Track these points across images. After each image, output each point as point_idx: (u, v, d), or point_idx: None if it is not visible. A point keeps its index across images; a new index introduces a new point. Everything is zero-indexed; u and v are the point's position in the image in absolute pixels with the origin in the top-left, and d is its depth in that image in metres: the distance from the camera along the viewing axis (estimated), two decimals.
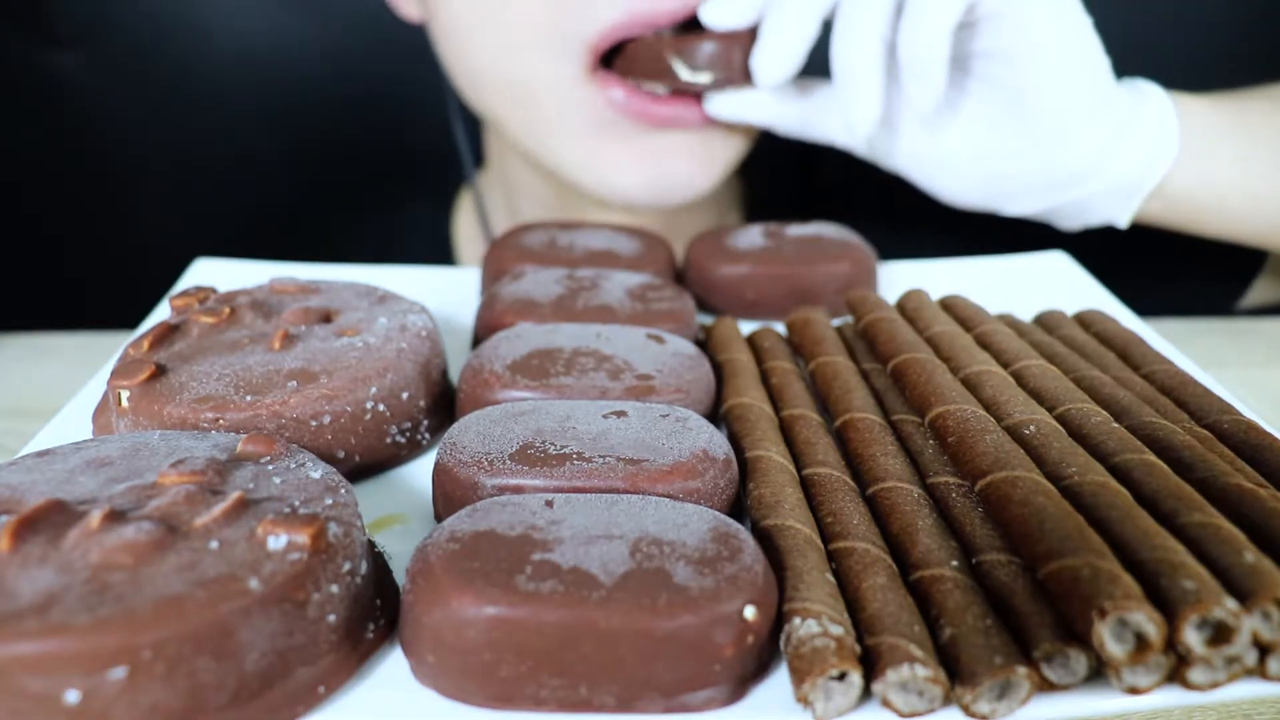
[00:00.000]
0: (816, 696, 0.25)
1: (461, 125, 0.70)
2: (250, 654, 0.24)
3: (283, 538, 0.26)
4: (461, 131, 0.70)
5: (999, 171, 0.52)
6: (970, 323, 0.44)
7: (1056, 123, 0.49)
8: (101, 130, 0.79)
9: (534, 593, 0.25)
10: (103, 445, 0.31)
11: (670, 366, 0.38)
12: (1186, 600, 0.24)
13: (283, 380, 0.35)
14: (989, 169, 0.52)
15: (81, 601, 0.23)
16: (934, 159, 0.53)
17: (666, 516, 0.28)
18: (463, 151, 0.71)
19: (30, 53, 0.77)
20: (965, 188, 0.53)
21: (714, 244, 0.51)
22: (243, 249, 0.55)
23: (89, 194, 0.81)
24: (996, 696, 0.24)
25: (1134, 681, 0.24)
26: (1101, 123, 0.50)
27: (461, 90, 0.60)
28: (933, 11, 0.46)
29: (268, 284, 0.43)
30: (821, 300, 0.48)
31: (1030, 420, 0.33)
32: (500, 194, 0.71)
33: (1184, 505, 0.28)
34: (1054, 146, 0.50)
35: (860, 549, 0.29)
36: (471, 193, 0.72)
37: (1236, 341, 0.56)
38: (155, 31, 0.78)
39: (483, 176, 0.74)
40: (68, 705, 0.23)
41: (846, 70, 0.48)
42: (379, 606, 0.28)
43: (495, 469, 0.31)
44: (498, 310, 0.43)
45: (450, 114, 0.69)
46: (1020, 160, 0.51)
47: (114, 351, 0.42)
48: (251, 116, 0.80)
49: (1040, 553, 0.26)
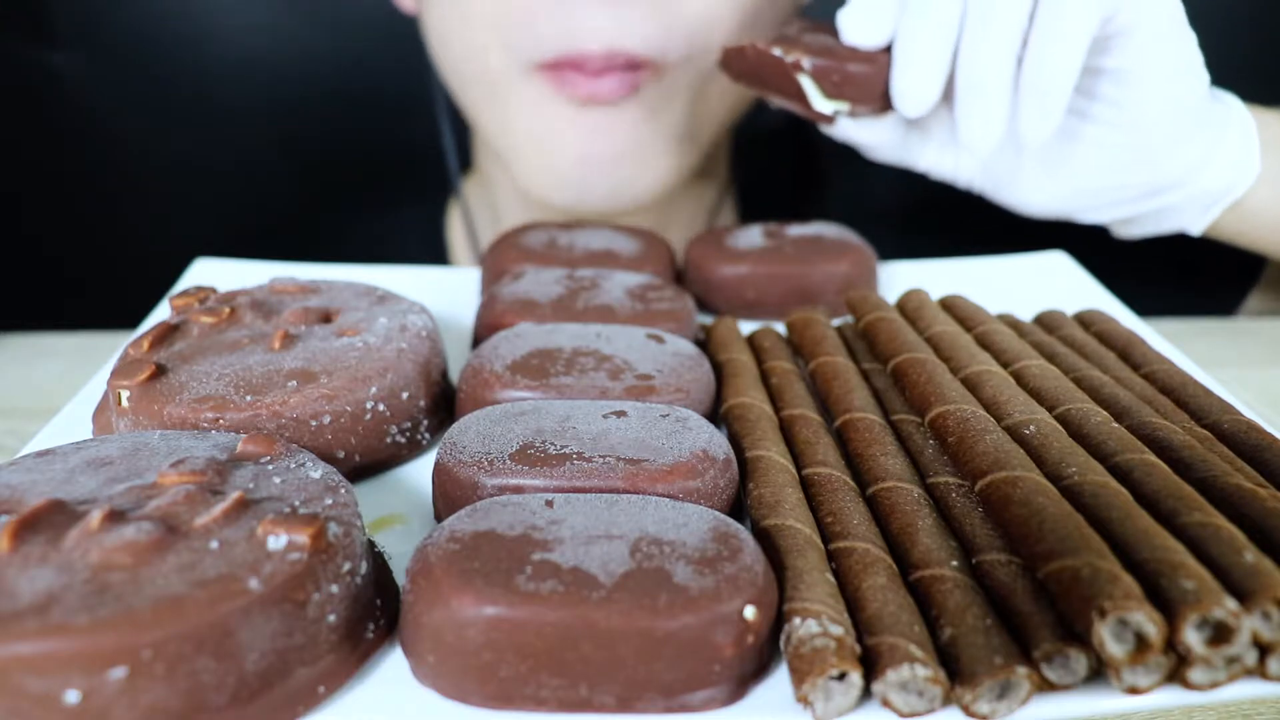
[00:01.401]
0: (816, 696, 0.25)
1: (449, 129, 0.70)
2: (250, 654, 0.24)
3: (283, 538, 0.26)
4: (449, 136, 0.70)
5: (1097, 185, 0.50)
6: (970, 323, 0.44)
7: (1165, 136, 0.47)
8: (101, 130, 0.79)
9: (534, 593, 0.25)
10: (103, 445, 0.31)
11: (670, 366, 0.38)
12: (1186, 600, 0.24)
13: (283, 380, 0.35)
14: (1086, 184, 0.50)
15: (81, 601, 0.23)
16: (1026, 176, 0.50)
17: (666, 516, 0.28)
18: (449, 156, 0.71)
19: (30, 53, 0.77)
20: (1050, 201, 0.51)
21: (714, 244, 0.51)
22: (242, 249, 0.55)
23: (89, 194, 0.81)
24: (996, 696, 0.24)
25: (1134, 681, 0.24)
26: (1201, 135, 0.48)
27: (447, 85, 0.62)
28: (1071, 22, 0.42)
29: (268, 284, 0.43)
30: (821, 300, 0.48)
31: (1030, 420, 0.33)
32: (484, 197, 0.71)
33: (1184, 505, 0.28)
34: (1160, 160, 0.48)
35: (860, 549, 0.29)
36: (459, 197, 0.73)
37: (1236, 341, 0.56)
38: (155, 31, 0.78)
39: (469, 181, 0.74)
40: (68, 705, 0.23)
41: (975, 86, 0.43)
42: (379, 606, 0.28)
43: (495, 469, 0.31)
44: (498, 310, 0.43)
45: (438, 117, 0.70)
46: (1124, 174, 0.49)
47: (114, 351, 0.42)
48: (250, 116, 0.80)
49: (1040, 552, 0.26)
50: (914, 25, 0.44)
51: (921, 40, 0.44)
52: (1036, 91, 0.43)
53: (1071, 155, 0.49)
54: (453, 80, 0.61)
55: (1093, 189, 0.50)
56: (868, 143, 0.51)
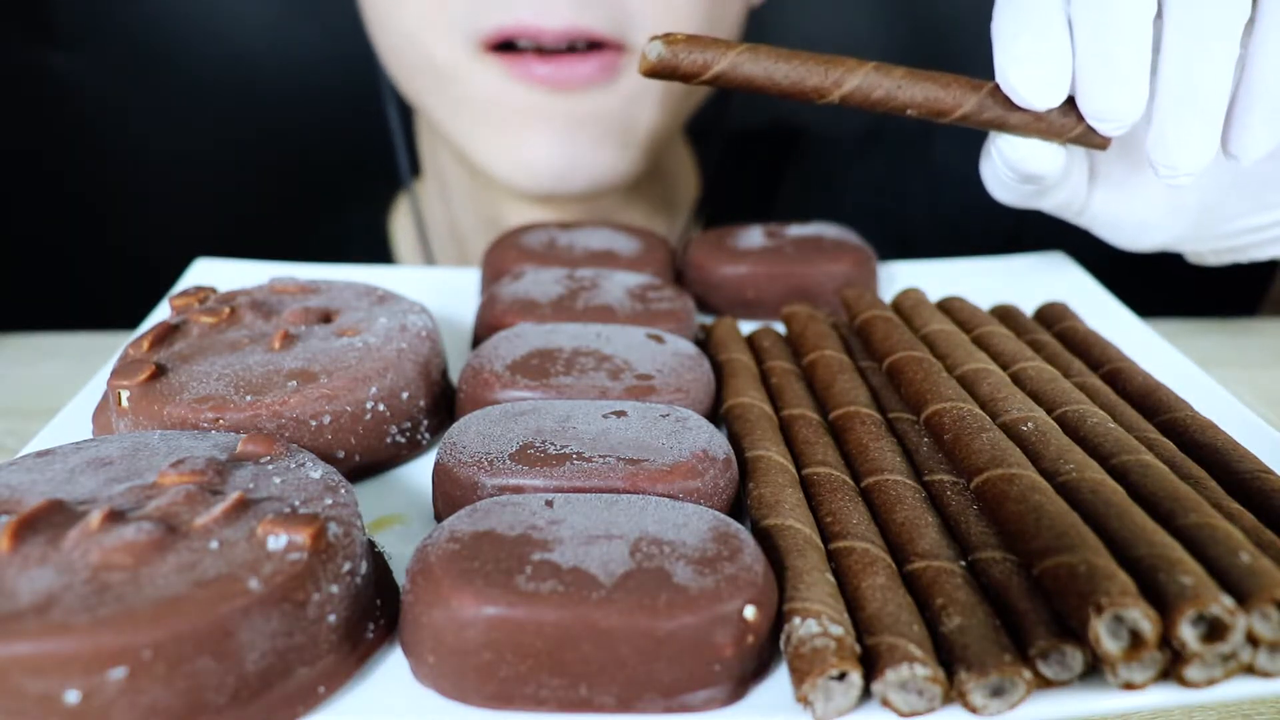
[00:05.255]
0: (816, 696, 0.25)
1: (399, 126, 0.70)
2: (250, 654, 0.24)
3: (283, 538, 0.26)
4: (399, 133, 0.70)
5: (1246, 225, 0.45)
6: (968, 324, 0.44)
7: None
8: (101, 130, 0.79)
9: (534, 593, 0.25)
10: (103, 445, 0.31)
11: (670, 366, 0.38)
12: (1184, 596, 0.24)
13: (283, 380, 0.35)
14: (1235, 225, 0.45)
15: (81, 602, 0.24)
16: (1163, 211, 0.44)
17: (666, 516, 0.28)
18: (399, 153, 0.71)
19: (30, 53, 0.77)
20: (1171, 240, 0.46)
21: (714, 244, 0.51)
22: (242, 248, 0.55)
23: (89, 194, 0.81)
24: (991, 693, 0.24)
25: (1129, 677, 0.24)
26: None
27: (390, 76, 0.62)
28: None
29: (268, 284, 0.43)
30: (821, 300, 0.48)
31: (1028, 418, 0.34)
32: (435, 190, 0.71)
33: (1181, 506, 0.28)
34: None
35: (860, 548, 0.29)
36: (408, 195, 0.73)
37: (1236, 341, 0.56)
38: (155, 31, 0.78)
39: (419, 180, 0.74)
40: (68, 705, 0.23)
41: (1184, 99, 0.37)
42: (379, 606, 0.28)
43: (495, 469, 0.31)
44: (498, 310, 0.43)
45: (388, 115, 0.69)
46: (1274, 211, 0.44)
47: (114, 351, 0.42)
48: (242, 117, 0.80)
49: (1036, 549, 0.26)
50: (1105, 45, 0.36)
51: (1117, 55, 0.36)
52: (1268, 96, 0.37)
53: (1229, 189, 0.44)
54: (395, 69, 0.60)
55: (1235, 230, 0.46)
56: (1042, 171, 0.40)
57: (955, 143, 0.73)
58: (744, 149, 0.75)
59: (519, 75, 0.55)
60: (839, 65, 0.38)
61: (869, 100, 0.38)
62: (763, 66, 0.37)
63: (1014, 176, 0.41)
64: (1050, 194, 0.43)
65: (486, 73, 0.55)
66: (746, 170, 0.76)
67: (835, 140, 0.76)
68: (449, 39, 0.55)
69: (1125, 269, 0.57)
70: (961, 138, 0.75)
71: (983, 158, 0.43)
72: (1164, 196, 0.44)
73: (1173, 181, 0.38)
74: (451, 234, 0.71)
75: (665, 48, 0.37)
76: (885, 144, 0.75)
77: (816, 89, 0.38)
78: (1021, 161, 0.39)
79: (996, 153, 0.40)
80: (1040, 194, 0.43)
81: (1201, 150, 0.37)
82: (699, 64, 0.37)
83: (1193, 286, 0.64)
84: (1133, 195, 0.44)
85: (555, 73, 0.54)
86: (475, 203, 0.66)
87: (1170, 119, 0.37)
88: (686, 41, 0.37)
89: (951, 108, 0.38)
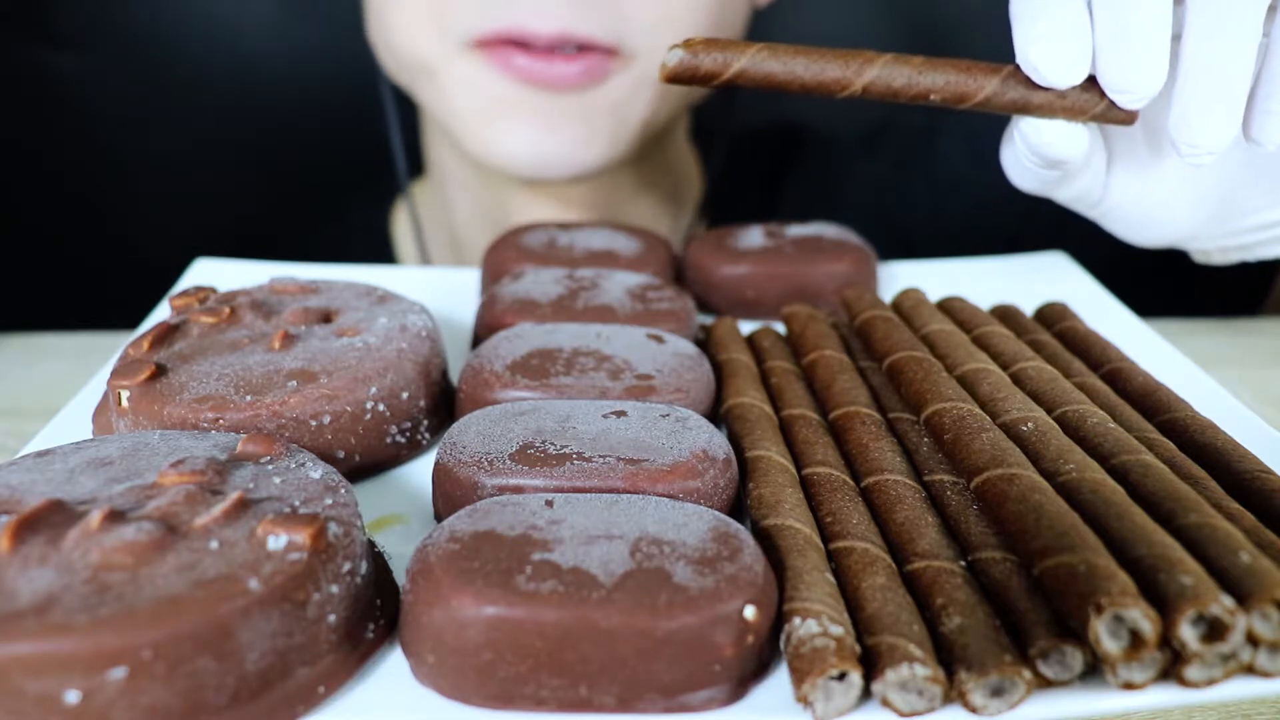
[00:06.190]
0: (816, 696, 0.25)
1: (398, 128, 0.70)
2: (250, 654, 0.24)
3: (283, 538, 0.26)
4: (398, 135, 0.71)
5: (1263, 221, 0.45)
6: (968, 324, 0.44)
7: None
8: (101, 130, 0.79)
9: (534, 593, 0.25)
10: (103, 445, 0.31)
11: (670, 366, 0.38)
12: (1184, 596, 0.24)
13: (283, 380, 0.35)
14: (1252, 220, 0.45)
15: (81, 602, 0.24)
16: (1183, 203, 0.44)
17: (666, 516, 0.28)
18: (397, 156, 0.71)
19: (30, 53, 0.77)
20: (1181, 236, 0.45)
21: (714, 244, 0.51)
22: (241, 248, 0.55)
23: (89, 194, 0.81)
24: (991, 693, 0.24)
25: (1129, 677, 0.24)
26: None
27: (386, 71, 0.63)
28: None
29: (268, 284, 0.43)
30: (821, 300, 0.48)
31: (1028, 418, 0.34)
32: (434, 191, 0.72)
33: (1181, 506, 0.28)
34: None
35: (860, 548, 0.29)
36: (405, 198, 0.73)
37: (1236, 341, 0.56)
38: (155, 31, 0.78)
39: (417, 184, 0.75)
40: (68, 705, 0.23)
41: (1207, 77, 0.36)
42: (379, 606, 0.28)
43: (495, 469, 0.31)
44: (498, 310, 0.43)
45: (387, 115, 0.70)
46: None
47: (114, 351, 0.42)
48: (243, 117, 0.80)
49: (1036, 549, 0.26)
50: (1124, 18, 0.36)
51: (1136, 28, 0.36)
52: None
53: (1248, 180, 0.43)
54: (390, 65, 0.61)
55: (1250, 226, 0.45)
56: (1066, 156, 0.39)
57: (957, 144, 0.74)
58: (748, 149, 0.75)
59: (499, 65, 0.56)
60: (858, 56, 0.38)
61: (890, 89, 0.38)
62: (783, 62, 0.37)
63: (1037, 161, 0.40)
64: (1071, 181, 0.42)
65: (465, 63, 0.57)
66: (750, 170, 0.76)
67: (838, 141, 0.76)
68: (442, 39, 0.56)
69: (1125, 269, 0.57)
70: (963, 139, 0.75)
71: (1004, 143, 0.42)
72: (1183, 186, 0.43)
73: (1195, 161, 0.37)
74: (449, 236, 0.71)
75: (685, 52, 0.37)
76: (887, 145, 0.76)
77: (838, 80, 0.38)
78: (1046, 146, 0.39)
79: (1020, 137, 0.39)
80: (1061, 181, 0.42)
81: (1224, 128, 0.37)
82: (719, 64, 0.37)
83: (1193, 286, 0.64)
84: (1152, 184, 0.43)
85: (534, 68, 0.55)
86: (478, 196, 0.67)
87: (1193, 97, 0.37)
88: (705, 44, 0.37)
89: (974, 91, 0.38)
